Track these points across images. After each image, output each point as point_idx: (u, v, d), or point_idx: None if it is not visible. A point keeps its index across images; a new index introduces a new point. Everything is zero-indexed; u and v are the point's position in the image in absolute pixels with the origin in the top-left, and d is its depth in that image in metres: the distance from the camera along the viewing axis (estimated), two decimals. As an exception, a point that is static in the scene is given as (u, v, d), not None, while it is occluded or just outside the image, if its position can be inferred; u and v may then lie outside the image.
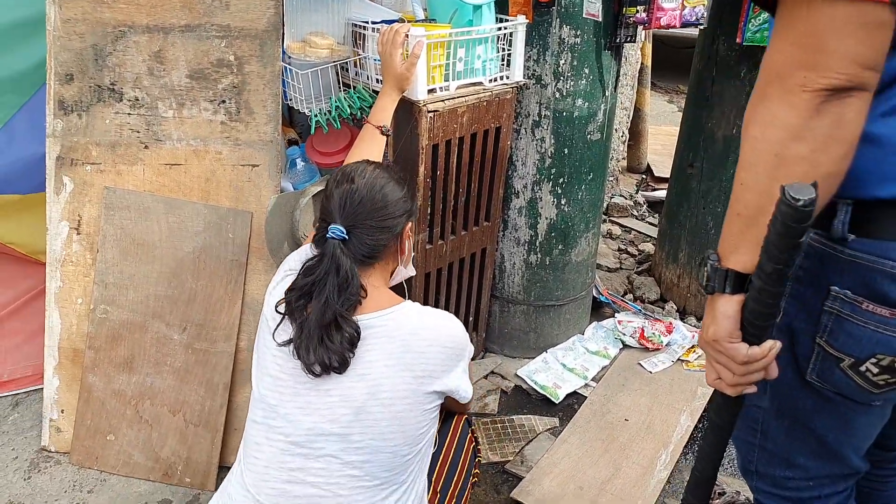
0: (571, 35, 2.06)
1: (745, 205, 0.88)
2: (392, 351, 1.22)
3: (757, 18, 2.15)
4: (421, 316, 1.26)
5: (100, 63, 1.95)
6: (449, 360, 1.26)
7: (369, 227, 1.24)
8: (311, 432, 1.21)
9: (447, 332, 1.27)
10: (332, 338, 1.18)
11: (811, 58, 0.79)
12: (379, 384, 1.20)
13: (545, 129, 2.19)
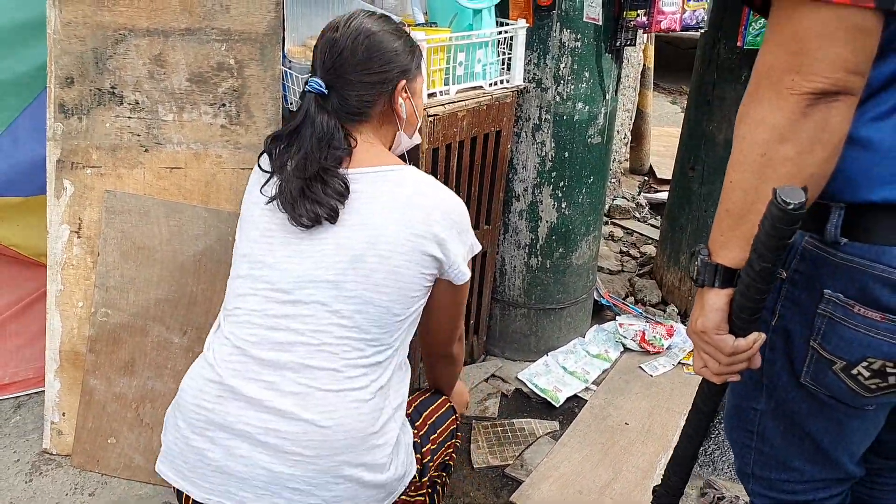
0: (572, 39, 2.05)
1: (733, 202, 0.90)
2: (393, 206, 1.16)
3: (757, 22, 2.15)
4: (425, 179, 1.21)
5: (100, 66, 1.95)
6: (450, 227, 1.19)
7: (350, 82, 1.17)
8: (301, 279, 1.15)
9: (450, 201, 1.21)
10: (314, 190, 1.13)
11: (798, 61, 0.81)
12: (379, 235, 1.15)
13: (545, 132, 2.19)
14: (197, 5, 1.92)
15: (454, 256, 1.20)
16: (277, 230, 1.18)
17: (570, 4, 2.01)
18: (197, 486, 1.17)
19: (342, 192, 1.14)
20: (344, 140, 1.18)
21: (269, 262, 1.17)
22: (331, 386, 1.12)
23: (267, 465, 1.11)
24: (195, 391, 1.19)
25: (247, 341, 1.15)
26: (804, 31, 0.80)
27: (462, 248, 1.22)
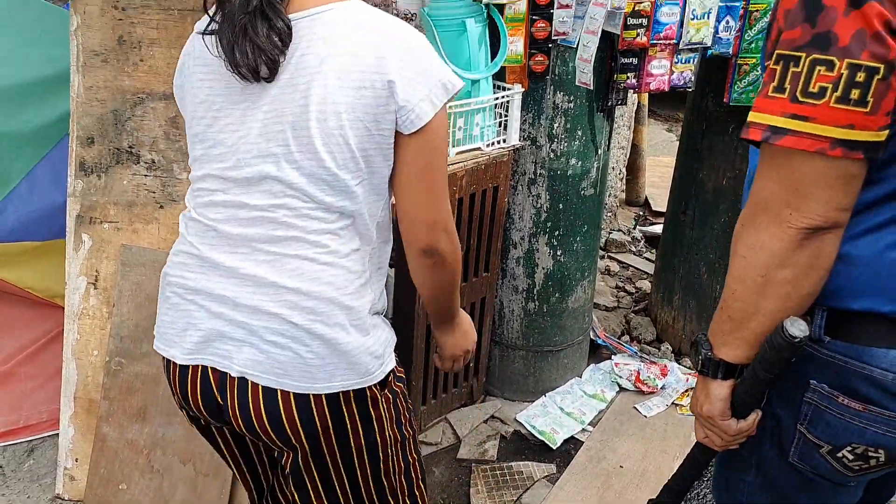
0: (565, 101, 2.16)
1: (735, 311, 1.01)
2: (329, 54, 1.04)
3: (742, 81, 2.26)
4: (367, 13, 1.08)
5: (119, 127, 2.06)
6: (402, 64, 1.05)
7: None
8: (249, 154, 1.10)
9: (399, 32, 1.07)
10: (257, 30, 1.02)
11: (795, 200, 0.91)
12: (313, 93, 1.05)
13: (540, 185, 2.29)
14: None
15: (413, 98, 1.05)
16: (219, 97, 1.12)
17: (562, 70, 2.12)
18: (182, 348, 1.19)
19: (282, 38, 1.04)
20: None
21: (218, 138, 1.13)
22: (298, 251, 1.12)
23: (246, 318, 1.13)
24: (179, 265, 1.21)
25: (216, 220, 1.16)
26: (801, 175, 0.90)
27: (422, 87, 1.06)
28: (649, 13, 2.04)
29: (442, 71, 1.08)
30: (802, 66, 0.87)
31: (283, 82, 1.06)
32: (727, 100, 2.32)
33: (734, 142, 2.50)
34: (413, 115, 1.06)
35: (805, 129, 0.88)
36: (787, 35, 0.90)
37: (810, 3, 0.87)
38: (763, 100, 0.92)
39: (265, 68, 1.04)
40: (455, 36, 1.91)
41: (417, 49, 1.07)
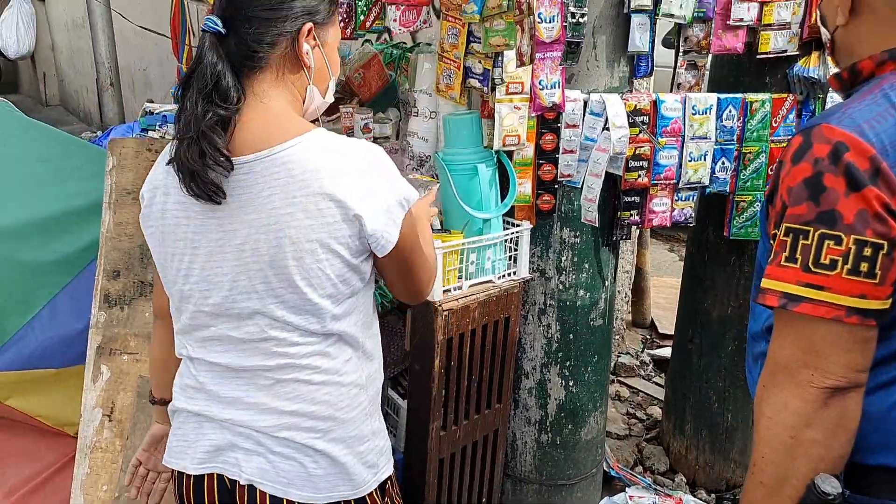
0: (571, 236, 2.27)
1: (767, 475, 1.02)
2: (292, 197, 1.08)
3: (741, 216, 2.37)
4: (315, 150, 1.10)
5: (145, 261, 2.15)
6: (361, 195, 1.10)
7: (248, 18, 1.09)
8: (233, 291, 1.15)
9: (351, 163, 1.10)
10: (192, 157, 1.06)
11: (814, 361, 0.96)
12: (285, 234, 1.09)
13: (551, 316, 2.35)
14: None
15: (378, 227, 1.12)
16: (196, 235, 1.16)
17: (568, 208, 2.24)
18: (193, 458, 1.25)
19: (219, 162, 1.06)
20: (232, 90, 1.09)
21: (202, 275, 1.16)
22: (292, 375, 1.19)
23: (253, 432, 1.21)
24: (185, 399, 1.28)
25: (212, 354, 1.22)
26: (819, 339, 0.95)
27: (383, 215, 1.12)
28: (649, 156, 2.18)
29: (397, 191, 1.15)
30: (811, 240, 0.94)
31: (255, 223, 1.11)
32: (727, 234, 2.42)
33: (736, 272, 2.58)
34: (383, 240, 1.14)
35: (821, 297, 0.94)
36: (794, 210, 0.97)
37: (812, 184, 0.95)
38: (776, 268, 0.98)
39: (211, 193, 1.08)
40: (467, 179, 2.04)
41: (374, 175, 1.12)
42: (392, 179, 1.15)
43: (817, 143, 0.96)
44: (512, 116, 2.02)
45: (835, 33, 1.10)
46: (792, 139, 1.02)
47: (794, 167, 0.98)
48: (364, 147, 1.15)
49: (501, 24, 1.81)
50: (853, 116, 0.97)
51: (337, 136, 1.15)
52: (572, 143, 2.13)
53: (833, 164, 0.94)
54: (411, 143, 2.29)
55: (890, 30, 1.03)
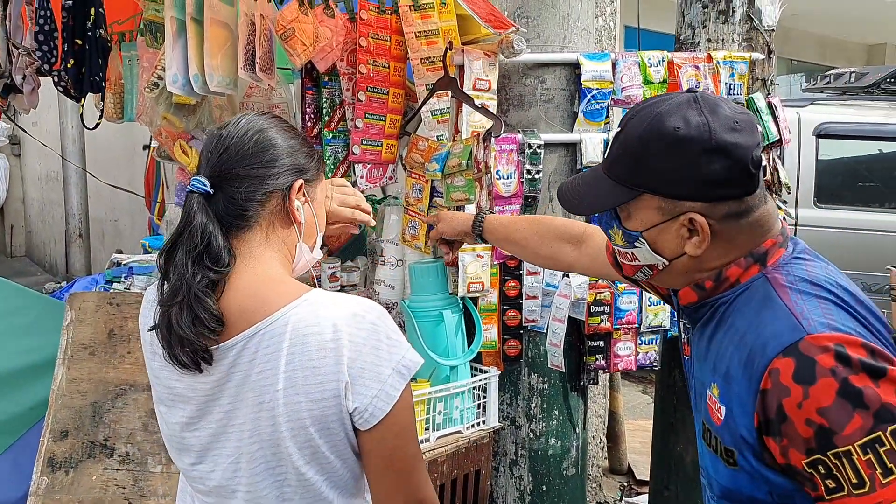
0: (540, 381, 2.25)
1: None
2: (283, 372, 1.01)
3: (705, 359, 2.39)
4: (305, 321, 1.02)
5: (96, 420, 2.05)
6: (352, 362, 1.01)
7: (238, 177, 1.06)
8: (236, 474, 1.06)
9: (342, 330, 1.02)
10: (182, 323, 0.99)
11: None
12: (280, 412, 1.02)
13: (523, 467, 2.27)
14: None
15: (364, 399, 1.02)
16: (184, 400, 1.08)
17: (535, 353, 2.25)
18: None
19: (208, 326, 1.00)
20: (224, 251, 1.04)
21: (196, 450, 1.09)
22: None
23: None
24: None
25: None
26: None
27: (375, 384, 1.02)
28: (610, 301, 2.23)
29: (396, 355, 1.04)
30: (889, 442, 0.89)
31: (249, 401, 1.04)
32: (693, 376, 2.43)
33: (706, 415, 2.56)
34: (367, 413, 1.03)
35: None
36: (850, 428, 0.90)
37: (847, 394, 0.90)
38: (882, 493, 0.89)
39: (200, 358, 1.02)
40: (433, 325, 2.05)
41: (371, 339, 1.03)
42: (395, 345, 1.06)
43: (819, 356, 0.92)
44: (475, 264, 2.07)
45: (676, 259, 1.08)
46: (773, 364, 0.95)
47: (811, 388, 0.92)
48: (364, 306, 1.06)
49: (461, 180, 1.91)
50: (815, 320, 0.96)
51: (333, 295, 1.09)
52: (535, 289, 2.17)
53: (848, 366, 0.91)
54: (378, 290, 2.32)
55: (733, 249, 1.06)
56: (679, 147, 1.02)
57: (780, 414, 0.94)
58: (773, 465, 0.98)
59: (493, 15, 1.91)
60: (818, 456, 0.91)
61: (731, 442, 1.03)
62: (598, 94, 2.17)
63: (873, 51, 10.68)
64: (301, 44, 1.91)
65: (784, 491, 1.00)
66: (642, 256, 1.11)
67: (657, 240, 1.08)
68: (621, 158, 1.08)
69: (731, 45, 2.41)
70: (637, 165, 1.06)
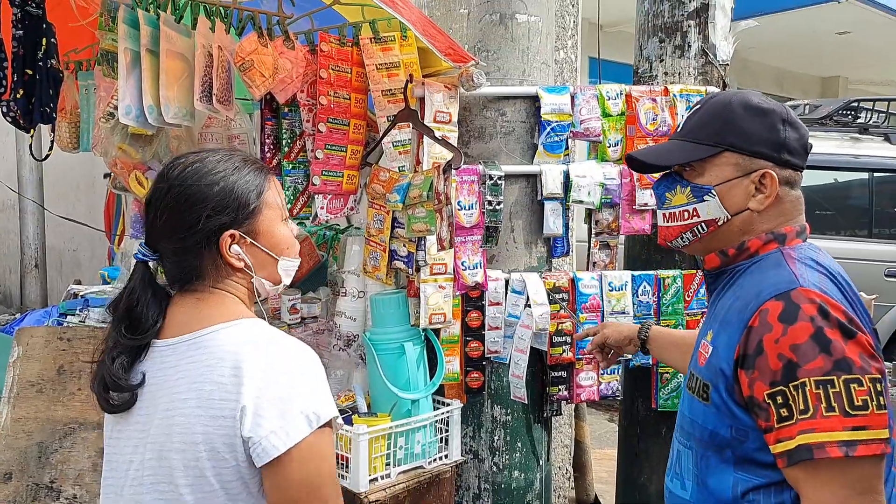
0: (503, 413, 2.23)
1: None
2: (192, 382, 1.03)
3: (665, 388, 2.40)
4: (238, 335, 1.05)
5: (43, 461, 1.97)
6: (265, 382, 1.01)
7: (167, 248, 1.10)
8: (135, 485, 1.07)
9: (277, 354, 1.03)
10: (97, 382, 1.08)
11: (871, 497, 1.04)
12: (174, 422, 1.03)
13: (486, 501, 2.24)
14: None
15: (259, 431, 0.99)
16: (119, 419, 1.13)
17: (498, 384, 2.23)
18: None
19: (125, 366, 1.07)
20: (147, 318, 1.08)
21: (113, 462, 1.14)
22: None
23: None
24: None
25: None
26: (872, 475, 1.04)
27: (275, 418, 1.00)
28: (572, 332, 2.23)
29: (310, 403, 1.02)
30: (839, 387, 1.03)
31: (161, 412, 1.05)
32: (655, 406, 2.44)
33: (668, 443, 2.56)
34: (259, 447, 0.99)
35: (867, 436, 1.02)
36: (811, 365, 1.05)
37: (819, 339, 1.05)
38: (820, 420, 1.03)
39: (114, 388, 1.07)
40: (394, 358, 2.02)
41: (285, 374, 1.02)
42: (312, 391, 1.04)
43: (804, 304, 1.07)
44: (437, 295, 2.06)
45: (737, 215, 1.23)
46: (765, 305, 1.10)
47: (790, 327, 1.07)
48: (296, 347, 1.07)
49: (422, 211, 1.90)
50: (810, 280, 1.11)
51: (272, 329, 1.09)
52: (497, 319, 2.16)
53: (826, 320, 1.06)
54: (339, 322, 2.28)
55: (779, 216, 1.23)
56: (763, 114, 1.21)
57: (758, 348, 1.09)
58: (739, 399, 1.13)
59: (452, 48, 1.92)
60: (780, 388, 1.06)
61: (709, 377, 1.18)
62: (557, 127, 2.19)
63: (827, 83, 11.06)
64: (260, 75, 1.90)
65: (743, 426, 1.13)
66: (706, 211, 1.24)
67: (727, 194, 1.22)
68: (706, 123, 1.24)
69: (688, 79, 2.47)
70: (724, 126, 1.22)
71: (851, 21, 7.49)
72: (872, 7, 6.91)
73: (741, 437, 1.14)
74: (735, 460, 1.16)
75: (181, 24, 1.89)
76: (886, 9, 7.00)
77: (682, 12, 2.45)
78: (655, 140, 2.30)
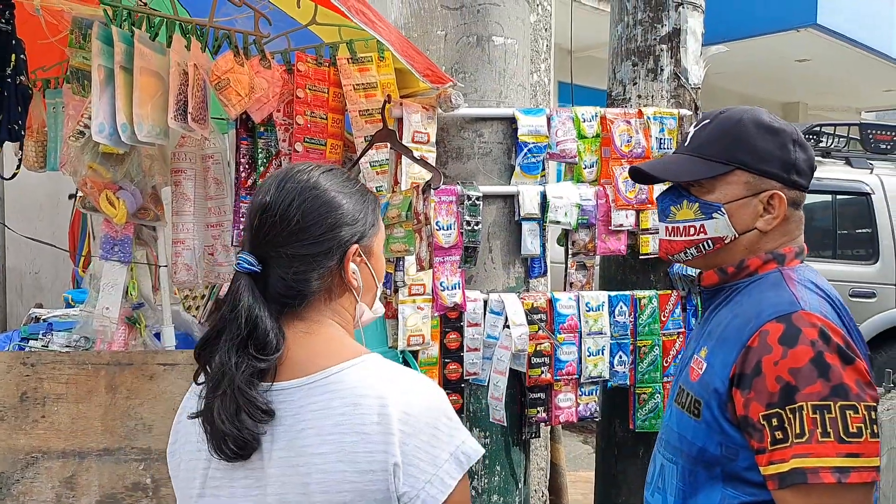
0: (481, 437, 2.21)
1: None
2: (327, 432, 0.91)
3: (643, 409, 2.40)
4: (369, 378, 0.94)
5: (3, 492, 1.89)
6: (407, 440, 0.91)
7: (290, 256, 0.97)
8: None
9: (404, 403, 0.92)
10: (224, 415, 0.91)
11: None
12: (312, 478, 0.91)
13: (465, 526, 2.20)
14: (119, 426, 1.96)
15: (416, 484, 0.91)
16: (218, 472, 0.97)
17: (476, 406, 2.21)
18: None
19: (255, 418, 0.92)
20: (271, 336, 0.95)
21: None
22: None
23: None
24: None
25: None
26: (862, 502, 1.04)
27: (429, 467, 0.92)
28: (550, 353, 2.22)
29: (456, 440, 0.95)
30: (835, 413, 1.04)
31: (282, 462, 0.94)
32: (633, 426, 2.43)
33: (645, 465, 2.55)
34: (418, 501, 0.92)
35: (860, 463, 1.03)
36: (810, 389, 1.05)
37: (818, 363, 1.06)
38: (815, 446, 1.03)
39: (235, 448, 0.93)
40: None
41: (427, 416, 0.94)
42: (455, 429, 0.96)
43: (806, 328, 1.08)
44: (415, 317, 2.04)
45: (744, 234, 1.22)
46: (765, 326, 1.10)
47: (791, 350, 1.07)
48: (426, 383, 0.99)
49: (401, 231, 1.89)
50: (811, 304, 1.12)
51: (392, 363, 1.01)
52: (476, 341, 2.15)
53: (826, 344, 1.07)
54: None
55: (782, 236, 1.24)
56: (774, 133, 1.22)
57: (756, 369, 1.09)
58: (731, 417, 1.13)
59: (430, 69, 1.93)
60: (777, 410, 1.06)
61: (701, 393, 1.17)
62: (534, 148, 2.21)
63: (788, 108, 11.41)
64: (236, 94, 1.87)
65: (733, 444, 1.13)
66: (714, 228, 1.23)
67: (736, 213, 1.22)
68: (716, 139, 1.24)
69: (661, 102, 2.51)
70: (735, 143, 1.22)
71: (811, 50, 7.76)
72: (829, 36, 7.17)
73: (731, 455, 1.14)
74: (724, 477, 1.16)
75: (156, 41, 1.86)
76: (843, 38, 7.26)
77: (654, 37, 2.50)
78: (630, 161, 2.33)
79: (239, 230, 2.06)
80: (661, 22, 2.50)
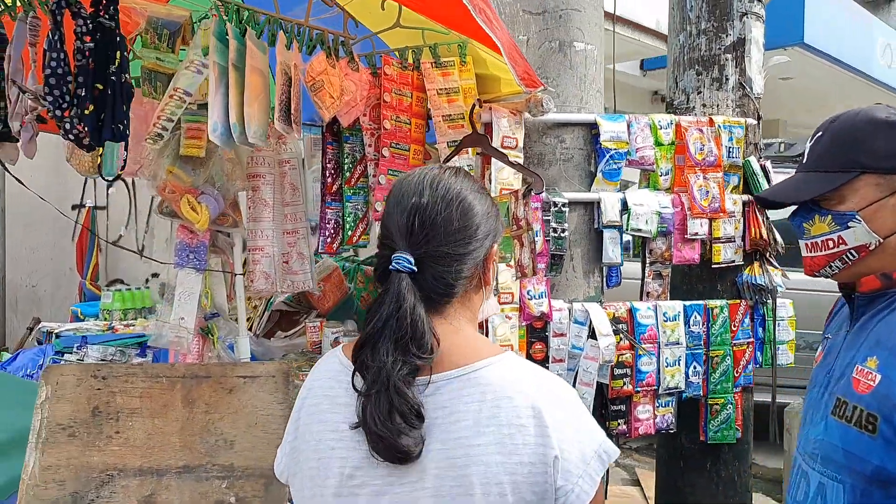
0: (566, 449, 2.15)
1: None
2: (483, 427, 0.92)
3: (715, 420, 2.38)
4: (511, 373, 0.96)
5: (77, 514, 1.77)
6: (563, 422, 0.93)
7: (444, 255, 0.99)
8: None
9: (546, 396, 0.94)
10: (377, 413, 0.91)
11: None
12: (470, 471, 0.91)
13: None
14: (198, 442, 1.87)
15: (572, 477, 0.93)
16: (358, 471, 0.96)
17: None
18: None
19: (408, 420, 0.92)
20: (429, 336, 0.96)
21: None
22: None
23: None
24: None
25: None
26: None
27: (580, 463, 0.93)
28: (631, 364, 2.19)
29: (598, 438, 0.97)
30: None
31: (438, 454, 0.93)
32: (704, 438, 2.41)
33: (714, 478, 2.53)
34: (573, 495, 0.93)
35: None
36: None
37: None
38: None
39: (400, 455, 0.93)
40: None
41: (573, 413, 0.97)
42: (595, 428, 0.99)
43: None
44: (504, 326, 1.99)
45: (890, 237, 1.18)
46: None
47: None
48: (562, 381, 1.01)
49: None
50: None
51: (531, 363, 1.03)
52: (561, 351, 2.10)
53: None
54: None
55: None
56: (892, 128, 1.16)
57: None
58: None
59: (527, 73, 1.89)
60: None
61: (876, 407, 1.09)
62: (615, 155, 2.19)
63: (768, 125, 11.68)
64: (329, 96, 1.82)
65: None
66: (853, 237, 1.18)
67: (874, 217, 1.17)
68: (832, 150, 1.18)
69: (726, 111, 2.51)
70: (853, 149, 1.17)
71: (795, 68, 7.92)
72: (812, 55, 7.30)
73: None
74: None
75: (259, 39, 1.80)
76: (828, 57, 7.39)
77: (719, 46, 2.51)
78: (704, 170, 2.32)
79: (325, 237, 1.99)
80: (725, 31, 2.51)
